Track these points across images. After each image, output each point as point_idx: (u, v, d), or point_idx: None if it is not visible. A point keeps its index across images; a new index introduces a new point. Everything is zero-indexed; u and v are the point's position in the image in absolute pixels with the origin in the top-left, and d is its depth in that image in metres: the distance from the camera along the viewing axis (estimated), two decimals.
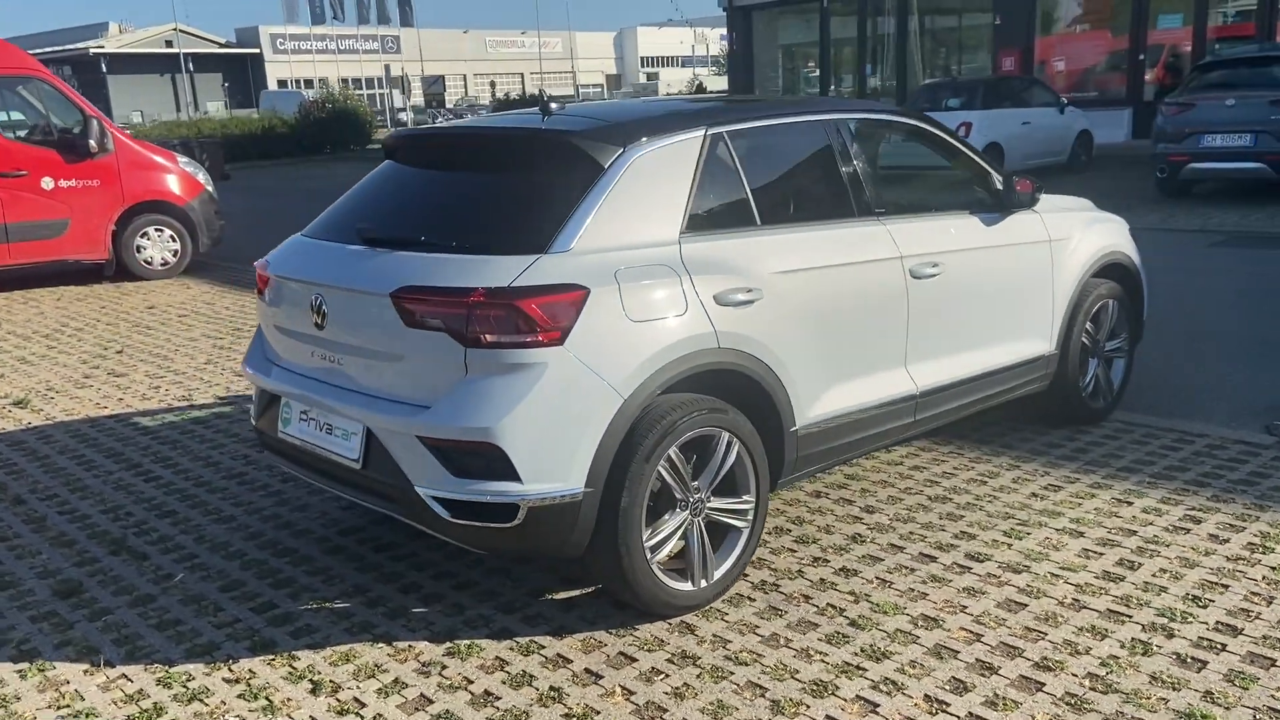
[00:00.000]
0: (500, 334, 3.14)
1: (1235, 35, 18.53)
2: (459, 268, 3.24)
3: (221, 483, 5.06)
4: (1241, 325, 7.04)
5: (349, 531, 4.40)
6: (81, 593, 3.96)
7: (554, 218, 3.34)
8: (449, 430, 3.17)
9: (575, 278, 3.22)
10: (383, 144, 4.13)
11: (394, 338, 3.30)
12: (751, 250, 3.68)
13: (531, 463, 3.16)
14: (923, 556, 3.91)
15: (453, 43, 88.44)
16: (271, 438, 3.89)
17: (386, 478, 3.36)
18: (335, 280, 3.50)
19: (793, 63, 25.20)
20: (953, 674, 3.14)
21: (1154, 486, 4.44)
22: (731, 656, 3.30)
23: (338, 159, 33.68)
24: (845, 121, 4.17)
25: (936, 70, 22.73)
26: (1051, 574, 3.72)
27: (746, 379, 3.59)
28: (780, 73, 25.18)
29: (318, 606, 3.77)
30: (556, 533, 3.24)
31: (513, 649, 3.42)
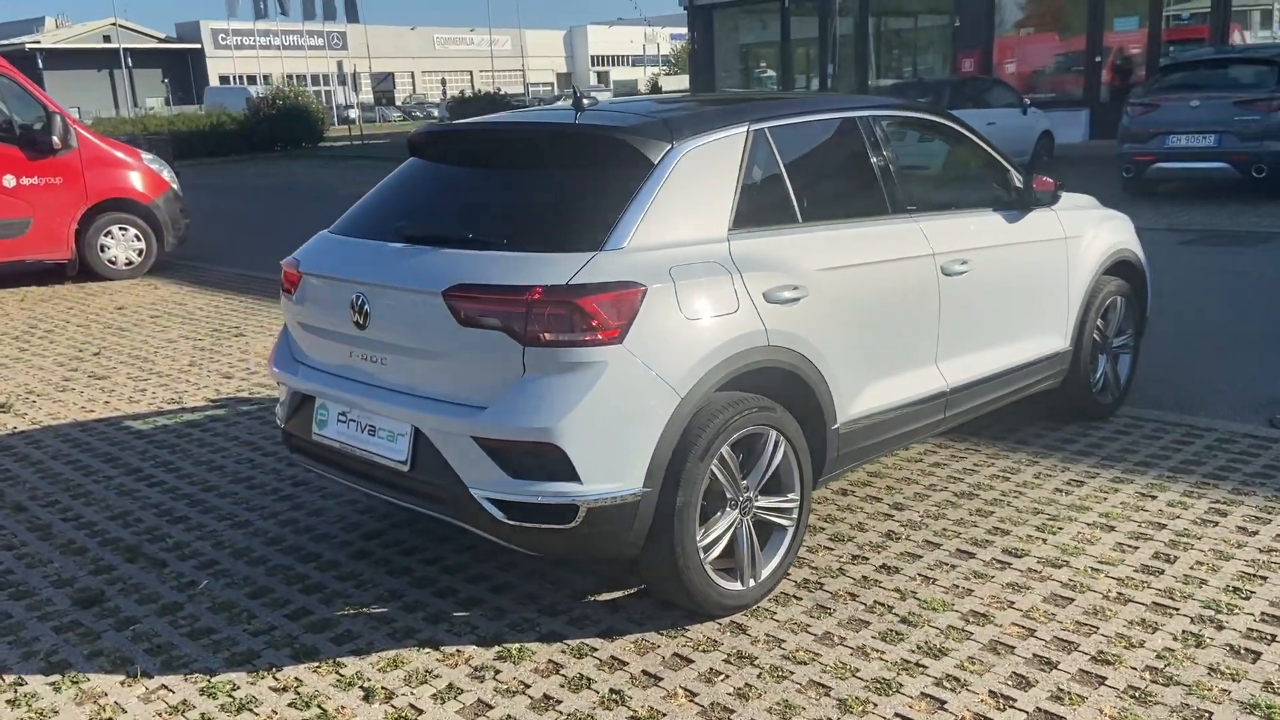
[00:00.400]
0: (559, 332, 3.09)
1: (1188, 38, 18.94)
2: (514, 265, 3.18)
3: (229, 487, 4.93)
4: (1226, 321, 7.18)
5: (371, 535, 4.31)
6: (104, 601, 3.84)
7: (607, 214, 3.29)
8: (507, 430, 3.11)
9: (632, 275, 3.18)
10: (409, 140, 4.05)
11: (446, 337, 3.24)
12: (796, 247, 3.66)
13: (591, 463, 3.11)
14: (960, 553, 3.92)
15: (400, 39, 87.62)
16: (304, 440, 3.80)
17: (436, 479, 3.29)
18: (380, 279, 3.42)
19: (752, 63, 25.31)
20: (1013, 669, 3.15)
21: (1174, 480, 4.50)
22: (789, 655, 3.28)
23: (290, 157, 33.22)
24: (879, 117, 4.17)
25: (891, 71, 22.96)
26: (1091, 568, 3.75)
27: (793, 377, 3.58)
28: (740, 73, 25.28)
29: (354, 612, 3.68)
30: (614, 534, 3.20)
31: (564, 651, 3.37)
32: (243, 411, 6.14)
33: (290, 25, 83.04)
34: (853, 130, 4.08)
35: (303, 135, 35.64)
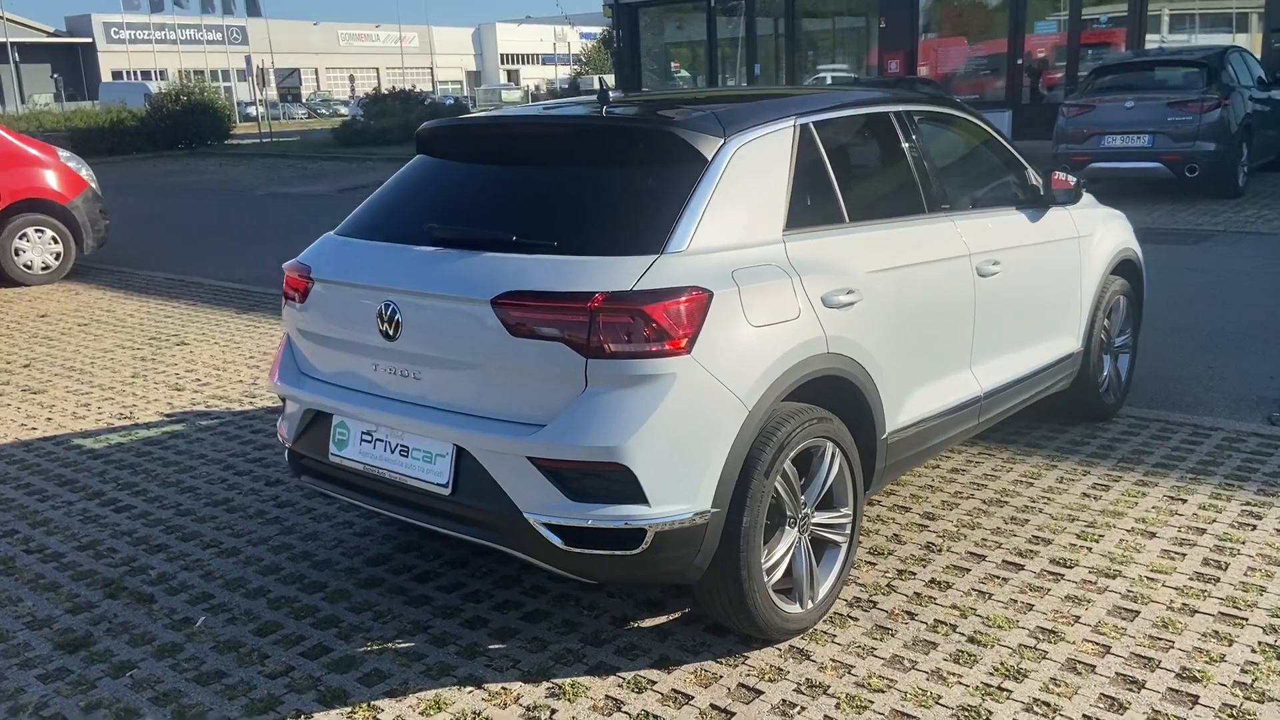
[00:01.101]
0: (625, 343, 2.84)
1: (1104, 42, 19.38)
2: (570, 270, 2.92)
3: (207, 510, 4.56)
4: (1198, 319, 7.23)
5: (377, 561, 4.00)
6: (91, 644, 3.47)
7: (664, 214, 3.05)
8: (569, 450, 2.86)
9: (697, 280, 2.95)
10: (418, 136, 3.74)
11: (495, 348, 2.96)
12: (848, 248, 3.48)
13: (659, 483, 2.87)
14: (1008, 564, 3.78)
15: (302, 35, 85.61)
16: (317, 462, 3.48)
17: (483, 504, 3.02)
18: (414, 285, 3.13)
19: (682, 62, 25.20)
20: (1100, 690, 3.01)
21: (1198, 482, 4.44)
22: (863, 683, 3.09)
23: (196, 155, 32.03)
24: (911, 113, 4.02)
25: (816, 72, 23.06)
26: (1146, 578, 3.64)
27: (848, 385, 3.39)
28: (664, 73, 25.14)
29: (379, 648, 3.38)
30: (680, 558, 2.97)
31: (622, 685, 3.13)
32: (204, 427, 5.73)
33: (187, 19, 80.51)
34: (890, 126, 3.91)
35: (208, 133, 34.39)
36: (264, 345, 7.59)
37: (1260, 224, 10.96)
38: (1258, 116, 13.08)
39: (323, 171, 24.91)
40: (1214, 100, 12.20)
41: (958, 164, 4.28)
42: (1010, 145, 4.61)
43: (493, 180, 3.44)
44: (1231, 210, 11.82)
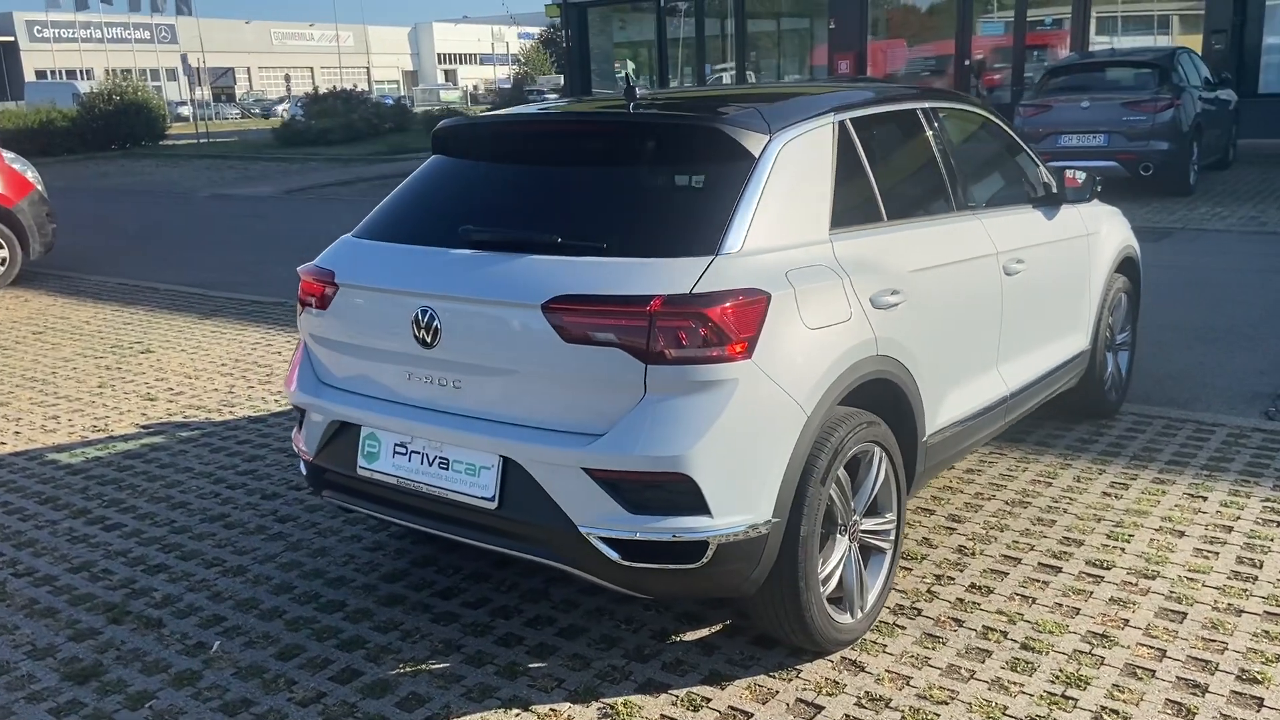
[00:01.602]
0: (686, 347, 2.73)
1: (1048, 43, 19.67)
2: (625, 273, 2.80)
3: (203, 527, 4.35)
4: (1179, 316, 7.29)
5: (394, 577, 3.84)
6: (101, 673, 3.27)
7: (717, 214, 2.94)
8: (628, 461, 2.73)
9: (755, 282, 2.85)
10: (436, 135, 3.59)
11: (545, 355, 2.83)
12: (890, 247, 3.40)
13: (722, 493, 2.76)
14: (1044, 567, 3.73)
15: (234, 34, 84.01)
16: (342, 476, 3.31)
17: (533, 518, 2.88)
18: (454, 290, 2.98)
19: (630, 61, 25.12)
20: (1165, 696, 2.96)
21: (1214, 479, 4.44)
22: (925, 695, 3.00)
23: (130, 156, 31.20)
24: (936, 109, 3.96)
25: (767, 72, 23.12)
26: (1185, 579, 3.61)
27: (894, 388, 3.31)
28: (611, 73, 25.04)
29: (412, 670, 3.23)
30: (741, 570, 2.86)
31: (675, 704, 3.01)
32: (185, 439, 5.49)
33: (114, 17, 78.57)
34: (918, 122, 3.85)
35: (142, 133, 33.52)
36: (234, 352, 7.33)
37: (1215, 221, 11.16)
38: (1206, 116, 13.34)
39: (266, 173, 24.39)
40: (1167, 100, 12.42)
41: (977, 160, 4.22)
42: (1023, 142, 4.58)
43: (528, 181, 3.30)
44: (1186, 208, 12.03)
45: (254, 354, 7.28)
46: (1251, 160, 15.65)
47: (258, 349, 7.42)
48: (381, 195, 3.86)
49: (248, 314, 8.67)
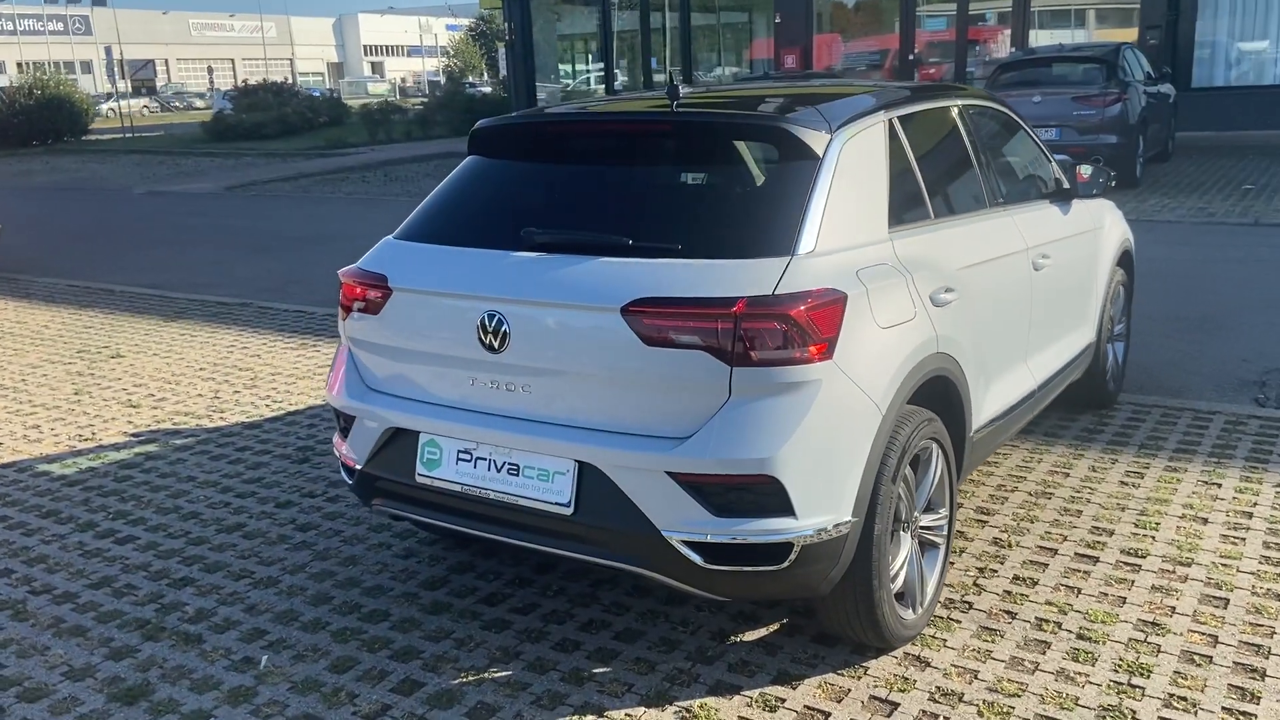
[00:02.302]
0: (771, 349, 2.72)
1: (989, 38, 20.04)
2: (705, 275, 2.78)
3: (222, 538, 4.23)
4: (1153, 306, 7.44)
5: (433, 584, 3.77)
6: (149, 693, 3.16)
7: (788, 214, 2.93)
8: (715, 464, 2.71)
9: (831, 282, 2.84)
10: (476, 134, 3.52)
11: (624, 359, 2.80)
12: (942, 244, 3.43)
13: (806, 494, 2.76)
14: (1081, 557, 3.80)
15: (151, 25, 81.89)
16: (398, 484, 3.23)
17: (612, 523, 2.85)
18: (525, 294, 2.93)
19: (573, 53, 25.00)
20: (1226, 681, 3.03)
21: (1223, 466, 4.56)
22: (995, 688, 3.04)
23: (53, 152, 30.27)
24: (967, 107, 4.00)
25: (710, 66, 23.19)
26: (1220, 564, 3.71)
27: (949, 385, 3.34)
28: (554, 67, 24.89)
29: (475, 679, 3.18)
30: (821, 570, 2.86)
31: (750, 705, 3.00)
32: (180, 446, 5.34)
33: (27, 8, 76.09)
34: (953, 120, 3.88)
35: (65, 128, 32.50)
36: (210, 356, 7.15)
37: (1166, 213, 11.46)
38: (1149, 110, 13.70)
39: (200, 168, 23.83)
40: (1115, 95, 12.72)
41: (1000, 156, 4.27)
42: (1036, 137, 4.65)
43: (586, 182, 3.26)
44: (1136, 200, 12.33)
45: (231, 358, 7.10)
46: (1188, 152, 16.11)
47: (234, 352, 7.24)
48: (327, 191, 3.80)
49: (215, 316, 8.45)
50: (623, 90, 23.31)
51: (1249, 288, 7.96)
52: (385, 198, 16.80)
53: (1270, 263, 8.82)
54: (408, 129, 28.73)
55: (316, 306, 8.68)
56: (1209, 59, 18.32)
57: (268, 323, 8.15)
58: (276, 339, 7.58)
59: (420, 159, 22.96)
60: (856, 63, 21.16)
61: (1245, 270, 8.57)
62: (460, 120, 29.03)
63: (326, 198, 17.25)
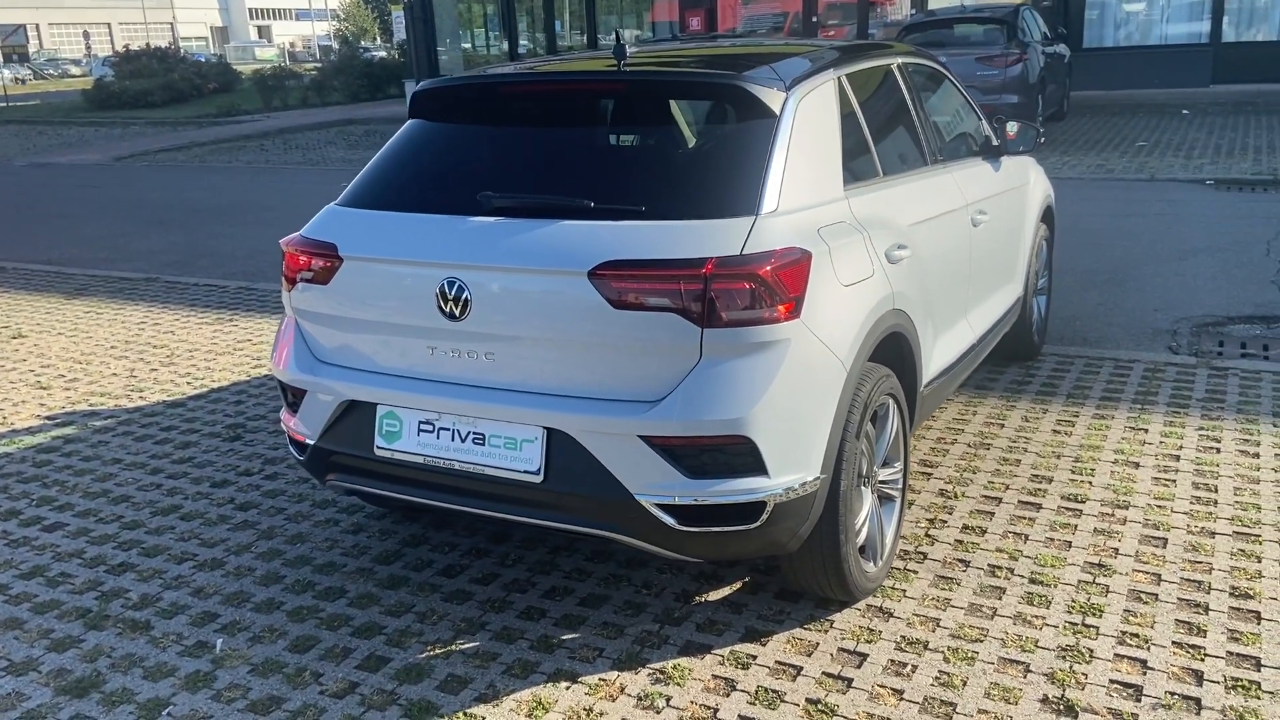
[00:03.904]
0: (741, 310, 2.71)
1: (883, 1, 20.27)
2: (671, 236, 2.75)
3: (158, 521, 4.09)
4: (1065, 260, 7.67)
5: (387, 559, 3.71)
6: (101, 684, 3.05)
7: (749, 173, 2.92)
8: (688, 426, 2.71)
9: (796, 240, 2.85)
10: (419, 96, 3.42)
11: (592, 323, 2.76)
12: (892, 202, 3.46)
13: (778, 453, 2.78)
14: (1025, 504, 3.91)
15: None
16: (356, 458, 3.15)
17: (583, 489, 2.82)
18: (486, 260, 2.86)
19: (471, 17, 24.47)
20: (1174, 617, 3.16)
21: (1147, 412, 4.72)
22: (959, 635, 3.11)
23: None
24: (906, 65, 4.03)
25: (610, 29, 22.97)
26: (1154, 505, 3.85)
27: (903, 341, 3.38)
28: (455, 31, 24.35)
29: (442, 652, 3.13)
30: (791, 528, 2.88)
31: (723, 663, 3.03)
32: (101, 428, 5.13)
33: None
34: (894, 78, 3.91)
35: None
36: (119, 334, 6.87)
37: (1067, 170, 11.79)
38: (1048, 70, 14.05)
39: (85, 138, 22.82)
40: (1016, 55, 13.02)
41: (936, 114, 4.33)
42: (966, 94, 4.72)
43: (541, 144, 3.19)
44: (1038, 158, 12.63)
45: (144, 335, 6.84)
46: (1082, 111, 16.60)
47: (145, 329, 6.97)
48: (224, 160, 3.68)
49: (121, 292, 8.12)
50: (539, 53, 22.99)
51: (1152, 241, 8.25)
52: (287, 166, 16.32)
53: (1169, 216, 9.15)
54: (303, 95, 27.92)
55: (228, 280, 8.40)
56: (1099, 20, 18.86)
57: (178, 298, 7.86)
58: (189, 314, 7.32)
59: (319, 126, 22.35)
60: (759, 25, 21.22)
61: (1147, 224, 8.88)
62: (357, 86, 28.34)
63: (224, 167, 16.68)
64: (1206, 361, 5.38)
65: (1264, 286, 6.75)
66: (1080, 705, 2.78)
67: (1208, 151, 12.36)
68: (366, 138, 19.82)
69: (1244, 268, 7.22)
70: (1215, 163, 11.58)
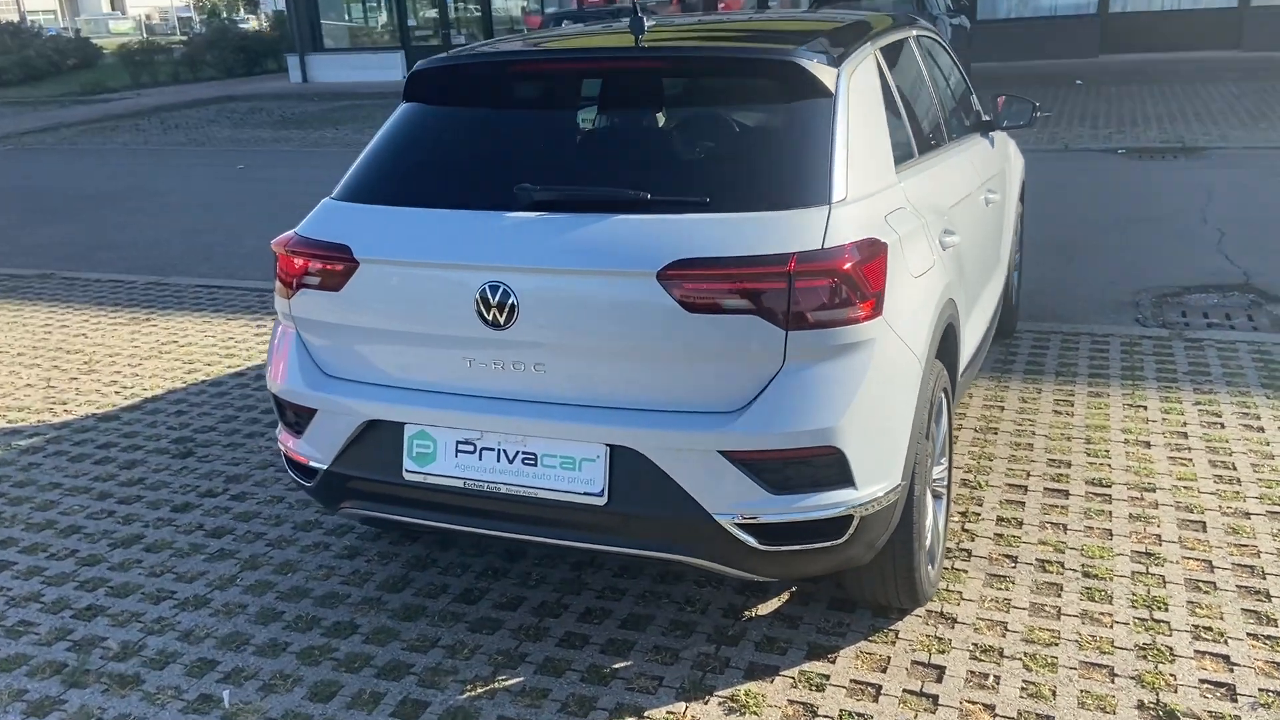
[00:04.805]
0: (826, 309, 2.49)
1: None
2: (747, 230, 2.50)
3: (122, 555, 3.67)
4: None
5: (394, 586, 3.39)
6: None
7: (814, 158, 2.68)
8: (774, 438, 2.47)
9: (871, 231, 2.63)
10: (419, 77, 3.07)
11: (663, 329, 2.50)
12: (934, 184, 3.28)
13: (866, 463, 2.57)
14: (1051, 492, 3.80)
15: None
16: (381, 484, 2.82)
17: (653, 511, 2.57)
18: (536, 261, 2.56)
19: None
20: (1239, 606, 3.07)
21: (1139, 387, 4.69)
22: (1031, 639, 2.97)
23: None
24: (920, 37, 3.85)
25: None
26: (1180, 488, 3.79)
27: (951, 332, 3.21)
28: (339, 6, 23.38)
29: (484, 690, 2.85)
30: (871, 541, 2.68)
31: (795, 685, 2.82)
32: (28, 449, 4.63)
33: None
34: (913, 52, 3.72)
35: None
36: (24, 339, 6.28)
37: None
38: (953, 42, 14.17)
39: None
40: None
41: (946, 88, 4.15)
42: (959, 64, 4.57)
43: (575, 130, 2.90)
44: None
45: (51, 339, 6.26)
46: (981, 83, 16.77)
47: (52, 332, 6.39)
48: (99, 142, 3.32)
49: (13, 291, 7.46)
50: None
51: (1087, 213, 8.33)
52: (170, 148, 15.41)
53: (1096, 187, 9.27)
54: (174, 71, 26.48)
55: (134, 274, 7.79)
56: None
57: (81, 295, 7.25)
58: (99, 314, 6.74)
59: (197, 103, 21.22)
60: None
61: (1078, 195, 8.97)
62: (232, 60, 27.03)
63: (100, 149, 15.65)
64: (1178, 333, 5.40)
65: (1210, 255, 6.85)
66: (1179, 710, 2.66)
67: (1112, 121, 12.64)
68: (252, 115, 18.89)
69: (1185, 237, 7.32)
70: (1122, 132, 11.83)
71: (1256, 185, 8.79)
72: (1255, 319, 5.68)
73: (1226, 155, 10.18)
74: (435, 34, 22.94)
